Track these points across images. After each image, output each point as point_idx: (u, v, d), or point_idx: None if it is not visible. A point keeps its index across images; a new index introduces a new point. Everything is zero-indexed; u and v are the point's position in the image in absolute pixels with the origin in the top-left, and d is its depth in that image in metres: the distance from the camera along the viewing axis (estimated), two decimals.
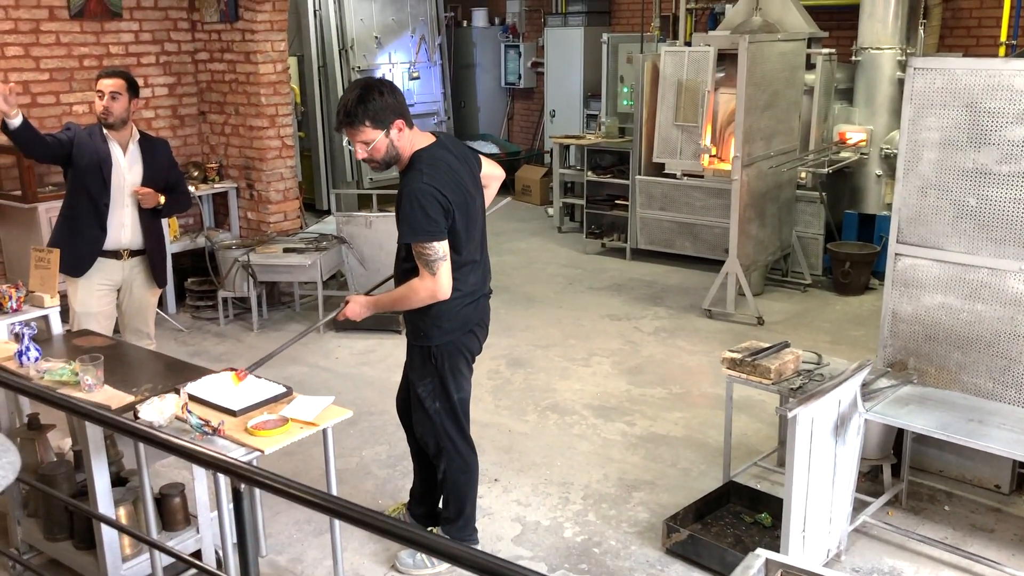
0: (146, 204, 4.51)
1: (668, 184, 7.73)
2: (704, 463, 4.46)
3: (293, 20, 8.89)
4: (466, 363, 3.46)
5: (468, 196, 3.30)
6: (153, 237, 4.65)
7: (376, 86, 3.18)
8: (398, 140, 3.21)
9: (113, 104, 4.38)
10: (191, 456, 2.40)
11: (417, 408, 3.47)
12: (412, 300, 3.25)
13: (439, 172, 3.20)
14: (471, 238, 3.33)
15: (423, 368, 3.41)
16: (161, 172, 4.62)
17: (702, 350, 5.99)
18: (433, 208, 3.13)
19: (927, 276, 3.98)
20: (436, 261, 3.16)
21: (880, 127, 7.31)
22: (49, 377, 3.26)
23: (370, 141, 3.18)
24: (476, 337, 3.47)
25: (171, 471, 4.18)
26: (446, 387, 3.41)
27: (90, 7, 6.49)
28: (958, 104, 3.78)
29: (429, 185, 3.14)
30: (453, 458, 3.49)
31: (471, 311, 3.39)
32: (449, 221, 3.18)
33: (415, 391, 3.45)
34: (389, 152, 3.22)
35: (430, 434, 3.48)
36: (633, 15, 10.37)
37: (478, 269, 3.41)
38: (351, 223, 6.69)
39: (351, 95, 3.17)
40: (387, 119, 3.16)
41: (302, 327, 6.55)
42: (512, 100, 12.06)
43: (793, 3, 7.67)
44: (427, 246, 3.15)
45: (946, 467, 4.15)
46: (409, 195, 3.16)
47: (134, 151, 4.54)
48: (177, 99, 7.16)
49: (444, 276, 3.18)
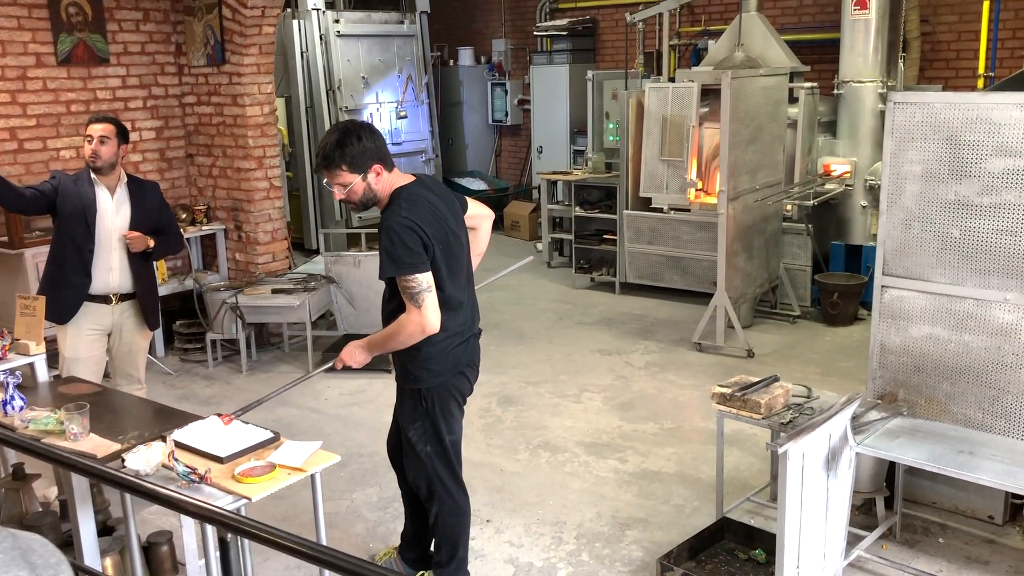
0: (135, 248, 4.50)
1: (655, 218, 7.77)
2: (697, 499, 4.43)
3: (280, 62, 8.95)
4: (457, 405, 3.44)
5: (450, 233, 3.29)
6: (143, 280, 4.64)
7: (355, 131, 3.20)
8: (376, 183, 3.22)
9: (101, 148, 4.40)
10: (178, 507, 2.37)
11: (408, 451, 3.44)
12: (402, 336, 3.21)
13: (418, 207, 3.20)
14: (455, 276, 3.31)
15: (414, 411, 3.39)
16: (151, 215, 4.62)
17: (693, 384, 5.98)
18: (412, 240, 3.12)
19: (914, 307, 3.99)
20: (421, 293, 3.13)
21: (864, 158, 7.38)
22: (34, 426, 3.23)
23: (347, 184, 3.19)
24: (466, 378, 3.45)
25: (158, 518, 4.13)
26: (437, 430, 3.38)
27: (77, 53, 6.53)
28: (938, 137, 3.82)
29: (407, 219, 3.14)
30: (445, 501, 3.46)
31: (460, 352, 3.37)
32: (429, 255, 3.17)
33: (406, 434, 3.42)
34: (366, 194, 3.23)
35: (422, 477, 3.44)
36: (617, 52, 10.49)
37: (465, 309, 3.40)
38: (339, 262, 6.70)
39: (330, 139, 3.19)
40: (365, 163, 3.17)
41: (291, 368, 6.53)
42: (499, 137, 12.14)
43: (775, 38, 7.78)
44: (410, 278, 3.12)
45: (939, 499, 4.14)
46: (387, 230, 3.15)
47: (122, 195, 4.54)
48: (164, 142, 7.18)
49: (431, 308, 3.15)
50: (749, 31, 7.77)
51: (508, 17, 11.69)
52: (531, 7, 11.35)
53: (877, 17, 7.17)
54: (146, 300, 4.65)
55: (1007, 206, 3.66)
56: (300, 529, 4.09)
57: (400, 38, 10.32)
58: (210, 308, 6.56)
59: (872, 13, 7.16)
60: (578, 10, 10.89)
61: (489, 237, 3.69)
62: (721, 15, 9.53)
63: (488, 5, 11.90)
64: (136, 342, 4.68)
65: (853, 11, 7.23)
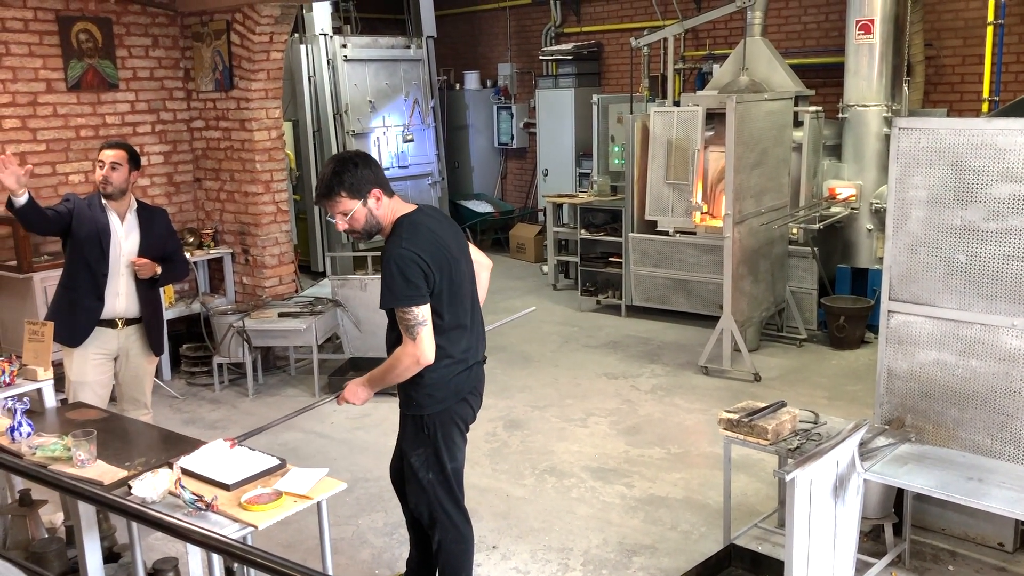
0: (142, 275, 4.53)
1: (661, 241, 7.79)
2: (704, 525, 4.41)
3: (288, 86, 9.02)
4: (460, 432, 3.43)
5: (451, 259, 3.29)
6: (150, 306, 4.66)
7: (351, 159, 3.23)
8: (377, 209, 3.23)
9: (113, 174, 4.43)
10: (185, 536, 2.37)
11: (410, 479, 3.43)
12: (399, 369, 3.22)
13: (419, 236, 3.21)
14: (456, 301, 3.31)
15: (416, 438, 3.37)
16: (159, 241, 4.65)
17: (699, 408, 5.96)
18: (412, 272, 3.12)
19: (920, 333, 3.98)
20: (416, 326, 3.14)
21: (869, 182, 7.39)
22: (41, 453, 3.23)
23: (348, 211, 3.20)
24: (470, 405, 3.43)
25: (164, 544, 4.12)
26: (439, 457, 3.37)
27: (87, 79, 6.59)
28: (943, 163, 3.83)
29: (408, 250, 3.15)
30: (448, 529, 3.44)
31: (464, 379, 3.37)
32: (430, 285, 3.18)
33: (408, 461, 3.41)
34: (369, 221, 3.24)
35: (424, 505, 3.43)
36: (622, 76, 10.55)
37: (468, 334, 3.38)
38: (346, 286, 6.72)
39: (327, 169, 3.22)
40: (364, 189, 3.19)
41: (297, 391, 6.53)
42: (505, 160, 12.20)
43: (779, 62, 7.82)
44: (407, 311, 3.13)
45: (948, 525, 4.11)
46: (388, 261, 3.17)
47: (131, 221, 4.57)
48: (173, 167, 7.23)
49: (426, 341, 3.16)
50: (754, 55, 7.81)
51: (514, 41, 11.78)
52: (536, 31, 11.44)
53: (881, 41, 7.21)
54: (151, 325, 4.67)
55: (1013, 232, 3.66)
56: (305, 555, 4.09)
57: (407, 62, 10.40)
58: (217, 331, 6.58)
59: (876, 38, 7.19)
60: (583, 34, 10.97)
61: (487, 286, 3.67)
62: (726, 39, 9.59)
63: (494, 30, 11.99)
64: (142, 367, 4.70)
65: (857, 36, 7.27)
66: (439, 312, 3.23)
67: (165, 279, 4.74)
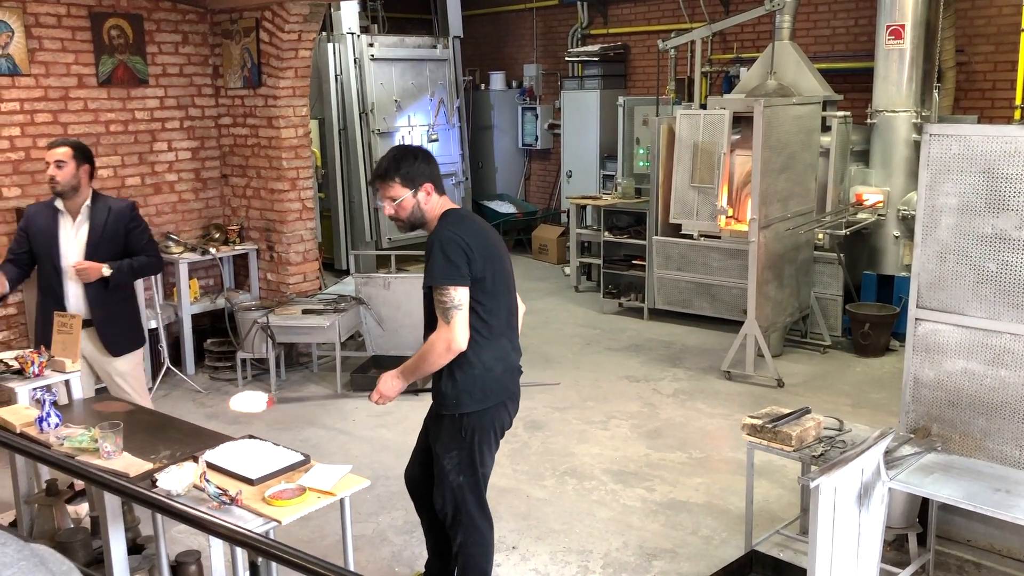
0: (83, 279, 4.42)
1: (685, 245, 7.76)
2: (726, 531, 4.39)
3: (315, 84, 9.06)
4: (495, 438, 3.41)
5: (496, 254, 3.32)
6: (101, 308, 4.49)
7: (412, 151, 3.34)
8: (425, 203, 3.29)
9: (58, 172, 4.37)
10: (210, 529, 2.38)
11: (440, 479, 3.40)
12: (432, 357, 3.22)
13: (465, 225, 3.28)
14: (499, 295, 3.32)
15: (451, 440, 3.34)
16: (113, 236, 4.49)
17: (722, 413, 5.93)
18: (455, 253, 3.16)
19: (948, 341, 3.94)
20: (452, 308, 3.15)
21: (897, 188, 7.33)
22: (68, 444, 3.27)
23: (397, 197, 3.27)
24: (508, 411, 3.42)
25: (187, 537, 4.16)
26: (472, 460, 3.35)
27: (117, 74, 6.65)
28: (975, 170, 3.79)
29: (453, 232, 3.21)
30: (470, 532, 3.43)
31: (506, 380, 3.36)
32: (472, 271, 3.19)
33: (439, 462, 3.38)
34: (415, 213, 3.30)
35: (450, 506, 3.41)
36: (648, 78, 10.52)
37: (509, 334, 3.40)
38: (369, 284, 6.74)
39: (388, 155, 3.35)
40: (417, 180, 3.27)
41: (320, 388, 6.57)
42: (529, 161, 12.19)
43: (807, 67, 7.77)
44: (444, 291, 3.15)
45: (974, 536, 4.07)
46: (433, 243, 3.22)
47: (82, 217, 4.48)
48: (200, 162, 7.28)
49: (459, 325, 3.16)
50: (782, 59, 7.77)
51: (540, 42, 11.77)
52: (563, 33, 11.43)
53: (912, 47, 7.14)
54: (103, 328, 4.50)
55: None
56: (326, 551, 4.10)
57: (433, 62, 10.42)
58: (241, 327, 6.62)
59: (907, 43, 7.13)
60: (610, 36, 10.95)
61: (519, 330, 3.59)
62: (753, 43, 9.54)
63: (520, 30, 12.00)
64: (105, 369, 4.57)
65: (887, 41, 7.21)
66: (481, 301, 3.24)
67: (120, 277, 4.51)
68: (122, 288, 4.60)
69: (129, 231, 4.56)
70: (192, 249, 6.89)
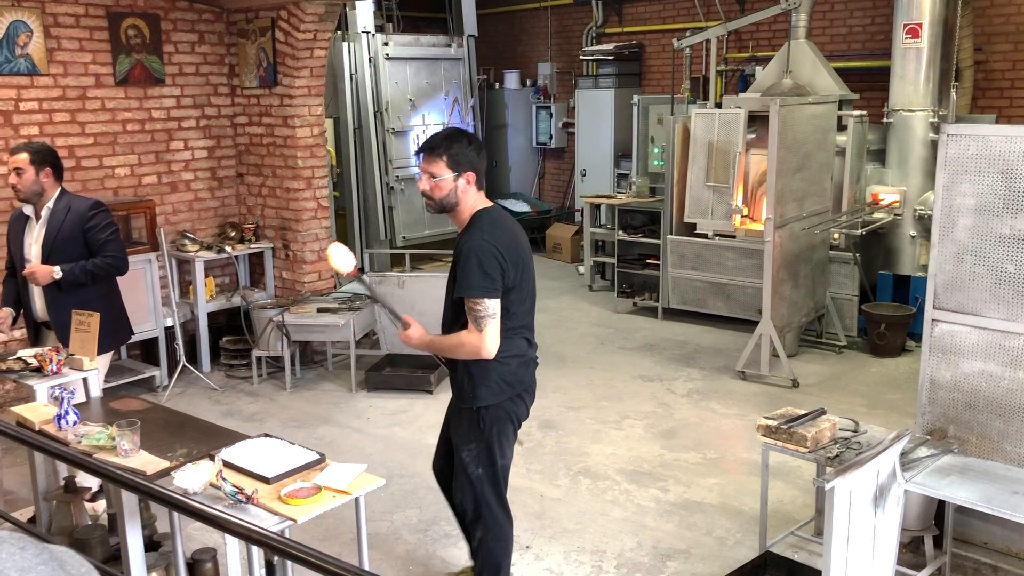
0: (34, 282, 4.42)
1: (700, 244, 7.73)
2: (740, 532, 4.38)
3: (330, 83, 9.09)
4: (513, 430, 3.47)
5: (524, 260, 3.38)
6: (59, 310, 4.41)
7: (468, 137, 3.36)
8: (462, 191, 3.31)
9: (19, 180, 4.37)
10: (227, 528, 2.40)
11: (459, 473, 3.47)
12: (458, 351, 3.30)
13: (499, 231, 3.29)
14: (523, 299, 3.38)
15: (470, 432, 3.40)
16: (71, 236, 4.42)
17: (736, 413, 5.92)
18: (490, 265, 3.19)
19: (965, 343, 3.92)
20: (485, 318, 3.20)
21: (913, 188, 7.28)
22: (86, 441, 3.30)
23: (438, 175, 3.28)
24: (524, 403, 3.48)
25: (203, 534, 4.18)
26: (491, 452, 3.41)
27: (134, 74, 6.69)
28: (993, 170, 3.76)
29: (488, 243, 3.22)
30: (491, 527, 3.47)
31: (522, 372, 3.42)
32: (505, 281, 3.24)
33: (459, 455, 3.44)
34: (449, 196, 3.31)
35: (470, 500, 3.47)
36: (663, 77, 10.50)
37: (528, 332, 3.47)
38: (384, 282, 6.76)
39: (443, 132, 3.37)
40: (463, 166, 3.29)
41: (335, 386, 6.59)
42: (543, 160, 12.19)
43: (823, 65, 7.73)
44: (479, 302, 3.19)
45: (991, 539, 4.04)
46: (468, 252, 3.23)
47: (43, 218, 4.47)
48: (216, 161, 7.32)
49: (491, 334, 3.22)
50: (798, 58, 7.73)
51: (554, 41, 11.76)
52: (578, 31, 11.42)
53: (929, 46, 7.09)
54: (62, 332, 4.39)
55: None
56: (341, 549, 4.12)
57: (447, 61, 10.43)
58: (256, 325, 6.66)
59: (924, 42, 7.08)
60: (625, 35, 10.93)
61: None
62: (769, 41, 9.50)
63: (535, 29, 11.99)
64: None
65: (904, 39, 7.16)
66: (508, 308, 3.29)
67: (76, 278, 4.40)
68: (86, 290, 4.44)
69: (87, 231, 4.47)
70: (208, 247, 6.93)
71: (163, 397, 6.28)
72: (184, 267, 6.99)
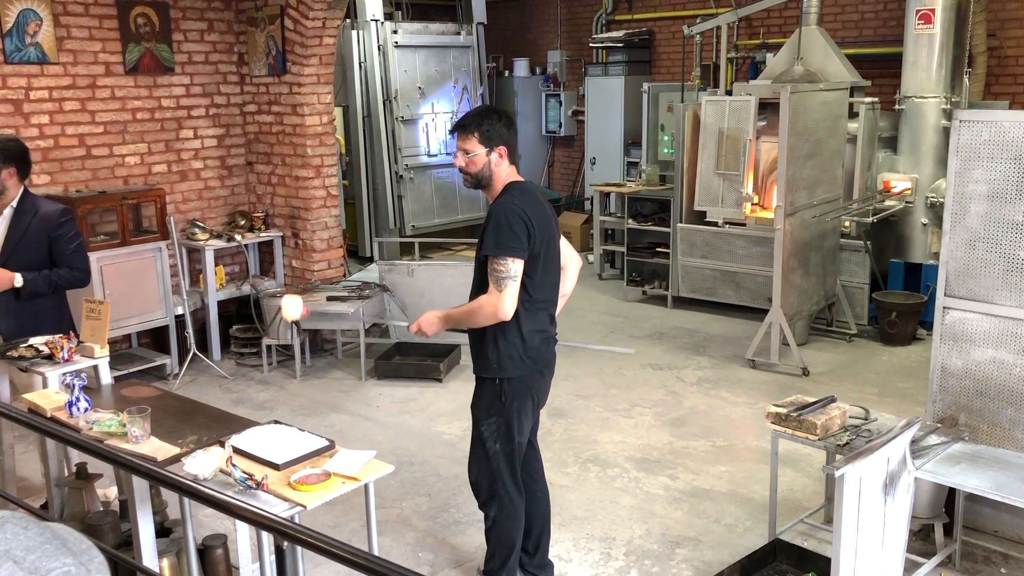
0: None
1: (710, 232, 7.71)
2: (749, 519, 4.37)
3: (339, 72, 9.08)
4: (533, 406, 3.52)
5: (551, 233, 3.42)
6: (13, 318, 4.20)
7: (499, 113, 3.45)
8: (496, 164, 3.39)
9: None
10: (236, 513, 2.41)
11: (476, 448, 3.51)
12: (477, 317, 3.34)
13: (528, 200, 3.36)
14: (548, 272, 3.42)
15: (491, 406, 3.44)
16: (36, 242, 4.20)
17: (746, 401, 5.91)
18: (518, 226, 3.25)
19: (977, 330, 3.90)
20: (506, 279, 3.24)
21: (925, 175, 7.23)
22: (97, 428, 3.31)
23: (472, 151, 3.36)
24: (544, 380, 3.54)
25: (213, 521, 4.20)
26: (510, 428, 3.44)
27: (144, 62, 6.70)
28: (1006, 157, 3.73)
29: (518, 206, 3.29)
30: (504, 504, 3.51)
31: (544, 348, 3.46)
32: (530, 245, 3.28)
33: (477, 429, 3.49)
34: (484, 170, 3.38)
35: (485, 476, 3.51)
36: (674, 64, 10.44)
37: (551, 307, 3.52)
38: (393, 271, 6.76)
39: (474, 110, 3.47)
40: (494, 141, 3.37)
41: (344, 374, 6.60)
42: (552, 148, 12.16)
43: (835, 52, 7.68)
44: (502, 261, 3.24)
45: (1002, 527, 4.03)
46: (497, 214, 3.29)
47: (4, 220, 4.22)
48: (225, 150, 7.33)
49: (509, 296, 3.25)
50: (809, 44, 7.68)
51: (564, 28, 11.72)
52: (587, 19, 11.36)
53: (942, 31, 7.03)
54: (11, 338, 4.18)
55: None
56: (350, 536, 4.14)
57: (456, 49, 10.40)
58: (266, 314, 6.67)
59: (936, 27, 7.02)
60: (635, 22, 10.87)
61: (575, 282, 3.74)
62: (780, 28, 9.44)
63: (544, 16, 11.94)
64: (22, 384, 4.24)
65: (917, 25, 7.10)
66: (531, 276, 3.33)
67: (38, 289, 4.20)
68: (24, 304, 4.22)
69: (54, 240, 4.25)
70: (218, 236, 6.95)
71: (174, 385, 6.31)
72: (194, 256, 7.01)
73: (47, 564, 1.04)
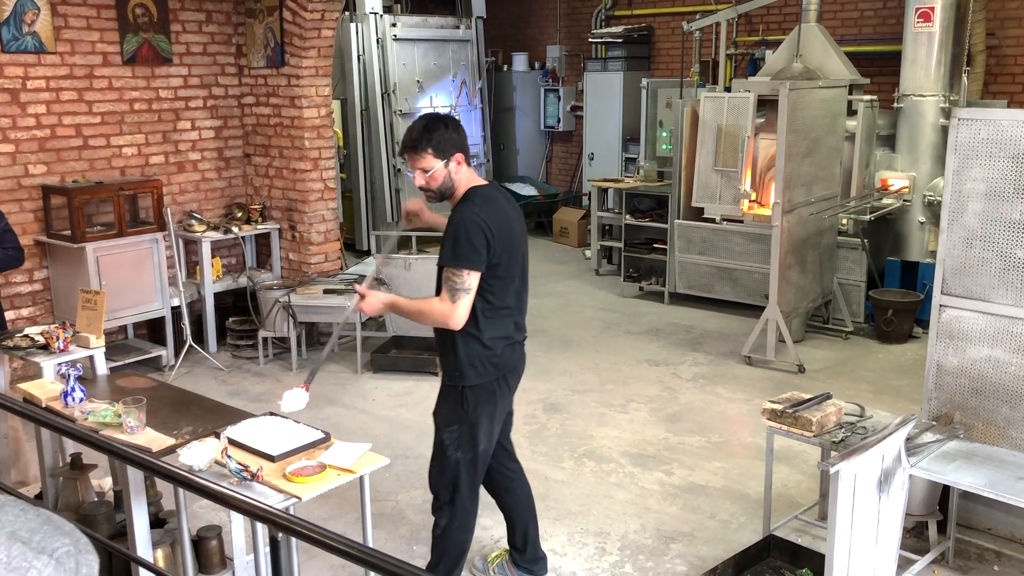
0: None
1: (707, 228, 7.71)
2: (744, 515, 4.38)
3: (337, 64, 9.06)
4: (497, 414, 3.42)
5: (514, 238, 3.33)
6: None
7: (442, 120, 3.31)
8: (455, 173, 3.29)
9: None
10: (231, 504, 2.40)
11: (437, 455, 3.42)
12: (426, 317, 3.28)
13: (490, 208, 3.26)
14: (509, 279, 3.33)
15: (452, 413, 3.36)
16: None
17: (741, 398, 5.91)
18: (477, 238, 3.16)
19: (973, 328, 3.90)
20: (460, 291, 3.17)
21: (923, 174, 7.24)
22: (93, 418, 3.31)
23: (429, 168, 3.26)
24: (508, 386, 3.44)
25: (208, 512, 4.20)
26: (474, 436, 3.35)
27: (142, 53, 6.68)
28: (1004, 155, 3.73)
29: (478, 216, 3.20)
30: (457, 516, 3.41)
31: (508, 354, 3.38)
32: (489, 256, 3.20)
33: (439, 437, 3.40)
34: (445, 183, 3.30)
35: (443, 484, 3.41)
36: (673, 60, 10.43)
37: (514, 313, 3.41)
38: (390, 264, 6.75)
39: (417, 125, 3.30)
40: (448, 151, 3.26)
41: (340, 367, 6.60)
42: (551, 143, 12.15)
43: (834, 49, 7.67)
44: (458, 272, 3.17)
45: (995, 525, 4.04)
46: (456, 223, 3.22)
47: None
48: (223, 142, 7.31)
49: (462, 308, 3.18)
50: (808, 42, 7.67)
51: (563, 23, 11.70)
52: (587, 14, 11.35)
53: (941, 30, 7.03)
54: None
55: None
56: (345, 528, 4.14)
57: (455, 43, 10.39)
58: (263, 306, 6.66)
59: (936, 26, 7.02)
60: (634, 17, 10.86)
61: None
62: (779, 25, 9.43)
63: (544, 11, 11.92)
64: None
65: (916, 23, 7.10)
66: (491, 284, 3.25)
67: None
68: None
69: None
70: (215, 228, 6.93)
71: (169, 376, 6.30)
72: (191, 247, 7.00)
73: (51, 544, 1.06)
